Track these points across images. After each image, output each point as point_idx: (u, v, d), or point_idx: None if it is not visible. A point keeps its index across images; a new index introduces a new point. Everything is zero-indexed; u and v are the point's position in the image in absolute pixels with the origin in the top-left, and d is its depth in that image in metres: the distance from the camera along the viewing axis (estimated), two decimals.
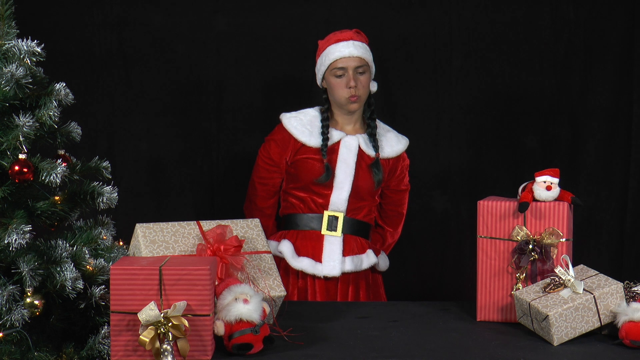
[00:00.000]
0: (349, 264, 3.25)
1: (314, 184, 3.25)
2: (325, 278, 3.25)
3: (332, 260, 3.23)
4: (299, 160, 3.27)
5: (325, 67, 3.25)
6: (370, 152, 3.30)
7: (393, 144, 3.37)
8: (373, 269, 3.35)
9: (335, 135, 3.29)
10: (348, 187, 3.26)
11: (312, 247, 3.25)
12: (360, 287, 3.30)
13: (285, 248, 3.25)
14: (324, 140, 3.26)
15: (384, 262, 3.39)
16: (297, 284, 3.26)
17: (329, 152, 3.26)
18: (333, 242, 3.25)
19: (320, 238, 3.26)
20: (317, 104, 3.39)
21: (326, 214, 3.27)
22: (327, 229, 3.26)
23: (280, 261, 3.26)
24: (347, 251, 3.26)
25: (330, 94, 3.29)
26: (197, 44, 3.92)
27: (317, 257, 3.24)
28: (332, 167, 3.25)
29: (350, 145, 3.28)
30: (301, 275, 3.26)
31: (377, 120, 3.37)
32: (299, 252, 3.25)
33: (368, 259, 3.30)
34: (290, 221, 3.31)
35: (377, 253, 3.35)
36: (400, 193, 3.44)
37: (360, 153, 3.29)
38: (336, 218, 3.26)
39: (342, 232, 3.27)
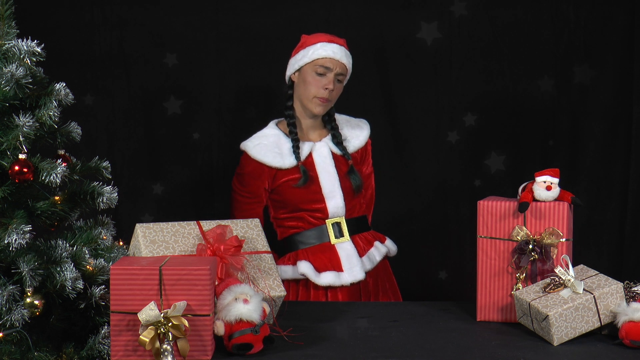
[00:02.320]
0: (367, 263, 3.25)
1: (303, 203, 3.22)
2: (351, 284, 3.23)
3: (354, 266, 3.21)
4: (279, 186, 3.23)
5: (309, 59, 3.20)
6: (340, 153, 3.30)
7: (358, 134, 3.35)
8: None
9: (305, 147, 3.26)
10: (339, 193, 3.24)
11: (328, 260, 3.21)
12: (378, 279, 3.30)
13: (306, 269, 3.19)
14: (295, 147, 3.23)
15: (392, 246, 3.39)
16: (319, 298, 3.21)
17: (305, 166, 3.23)
18: (345, 248, 3.24)
19: (332, 248, 3.23)
20: None
21: (328, 222, 3.24)
22: (335, 238, 3.25)
23: (297, 283, 3.24)
24: (359, 252, 3.25)
25: (300, 88, 3.24)
26: (197, 44, 3.92)
27: (337, 267, 3.21)
28: (315, 179, 3.23)
29: (322, 153, 3.26)
30: (322, 288, 3.23)
31: (335, 115, 3.35)
32: (319, 268, 3.22)
33: (378, 250, 3.30)
34: (295, 241, 3.26)
35: (381, 240, 3.35)
36: (368, 177, 3.41)
37: (335, 157, 3.28)
38: (339, 224, 3.25)
39: (349, 235, 3.26)
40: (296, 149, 3.22)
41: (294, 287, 3.24)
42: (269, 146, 3.24)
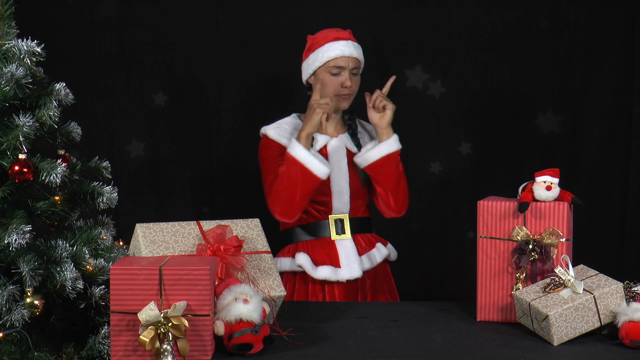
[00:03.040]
0: (366, 262, 3.25)
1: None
2: (348, 281, 3.24)
3: (351, 263, 3.22)
4: None
5: (320, 63, 3.21)
6: (355, 150, 3.30)
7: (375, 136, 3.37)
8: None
9: (320, 139, 3.26)
10: (347, 190, 3.24)
11: (327, 255, 3.22)
12: (376, 279, 3.30)
13: (304, 260, 3.21)
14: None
15: (393, 251, 3.39)
16: (316, 292, 3.23)
17: None
18: (345, 245, 3.24)
19: (332, 244, 3.24)
20: None
21: (331, 218, 3.25)
22: (336, 234, 3.25)
23: (295, 275, 3.25)
24: (359, 250, 3.26)
25: (319, 89, 3.26)
26: (197, 44, 3.92)
27: (335, 263, 3.22)
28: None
29: (337, 148, 3.27)
30: (319, 282, 3.24)
31: (356, 119, 3.36)
32: (316, 262, 3.23)
33: (380, 252, 3.30)
34: (296, 233, 3.27)
35: (383, 243, 3.36)
36: None
37: (349, 154, 3.29)
38: (342, 220, 3.26)
39: (351, 233, 3.26)
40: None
41: (292, 279, 3.25)
42: (288, 130, 3.26)
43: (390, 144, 3.20)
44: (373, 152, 3.19)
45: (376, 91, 3.19)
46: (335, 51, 3.20)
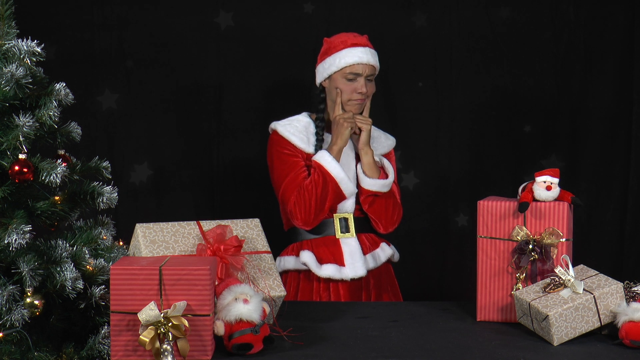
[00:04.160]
0: (371, 261, 3.26)
1: None
2: (352, 280, 3.24)
3: (356, 262, 3.22)
4: None
5: (337, 68, 3.21)
6: None
7: (382, 140, 3.38)
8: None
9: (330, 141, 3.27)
10: (354, 191, 3.24)
11: (331, 253, 3.23)
12: (380, 279, 3.30)
13: (308, 258, 3.22)
14: (318, 141, 3.24)
15: (396, 252, 3.40)
16: (321, 291, 3.23)
17: None
18: (350, 244, 3.25)
19: (336, 242, 3.25)
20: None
21: (336, 217, 3.26)
22: (340, 232, 3.26)
23: (299, 274, 3.26)
24: (364, 249, 3.26)
25: (333, 94, 3.26)
26: (197, 44, 3.92)
27: (339, 261, 3.22)
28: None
29: (347, 150, 3.27)
30: (324, 280, 3.25)
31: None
32: (321, 260, 3.23)
33: (384, 251, 3.30)
34: (300, 232, 3.27)
35: (387, 243, 3.36)
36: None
37: (358, 156, 3.29)
38: (346, 219, 3.26)
39: (355, 232, 3.26)
40: (318, 148, 3.24)
41: (296, 277, 3.25)
42: (298, 128, 3.27)
43: (375, 183, 3.23)
44: (365, 181, 3.23)
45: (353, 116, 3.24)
46: (354, 57, 3.20)
